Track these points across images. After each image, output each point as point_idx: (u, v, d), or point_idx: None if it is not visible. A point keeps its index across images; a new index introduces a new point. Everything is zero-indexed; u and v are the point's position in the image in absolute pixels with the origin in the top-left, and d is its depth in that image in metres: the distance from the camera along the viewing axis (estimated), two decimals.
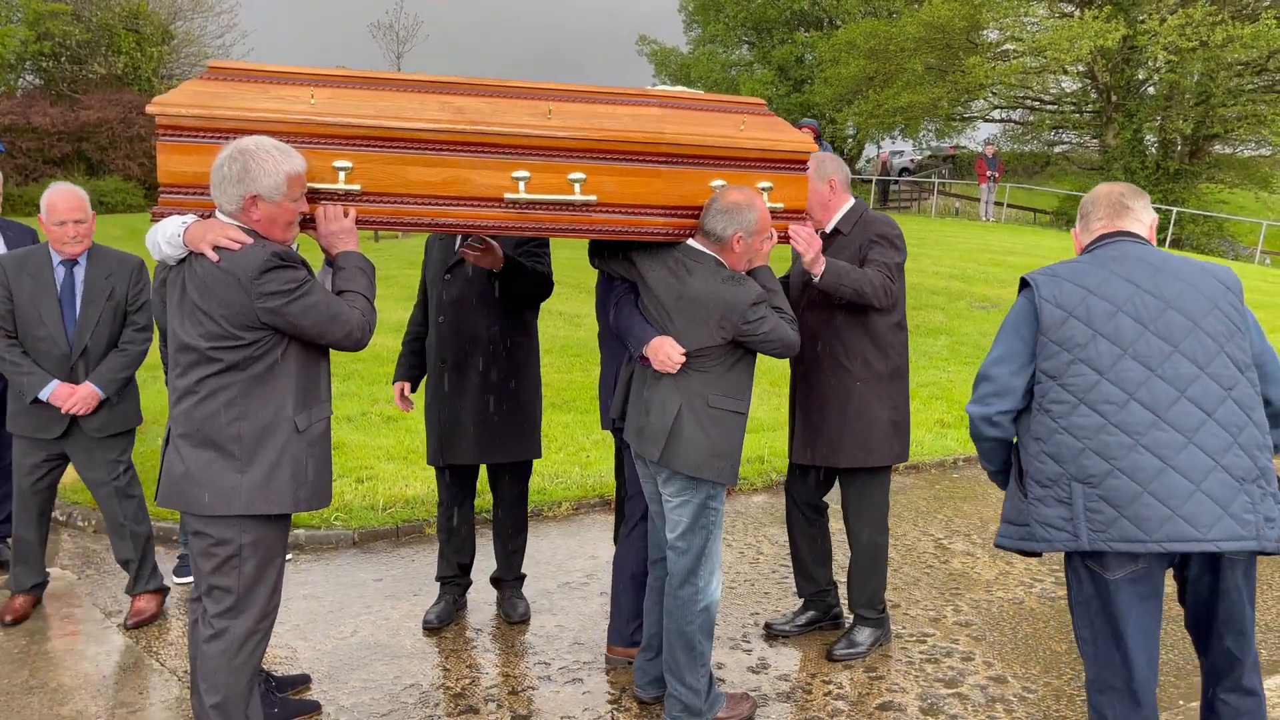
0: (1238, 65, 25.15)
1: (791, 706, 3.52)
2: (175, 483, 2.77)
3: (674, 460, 3.18)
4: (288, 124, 2.80)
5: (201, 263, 2.70)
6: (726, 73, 36.93)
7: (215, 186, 2.71)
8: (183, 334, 2.74)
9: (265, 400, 2.75)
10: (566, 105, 3.07)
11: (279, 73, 2.93)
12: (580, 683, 3.69)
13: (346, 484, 5.77)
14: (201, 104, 2.78)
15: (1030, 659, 3.87)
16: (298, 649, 3.97)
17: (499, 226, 3.02)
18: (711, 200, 3.14)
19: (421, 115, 2.90)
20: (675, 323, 3.19)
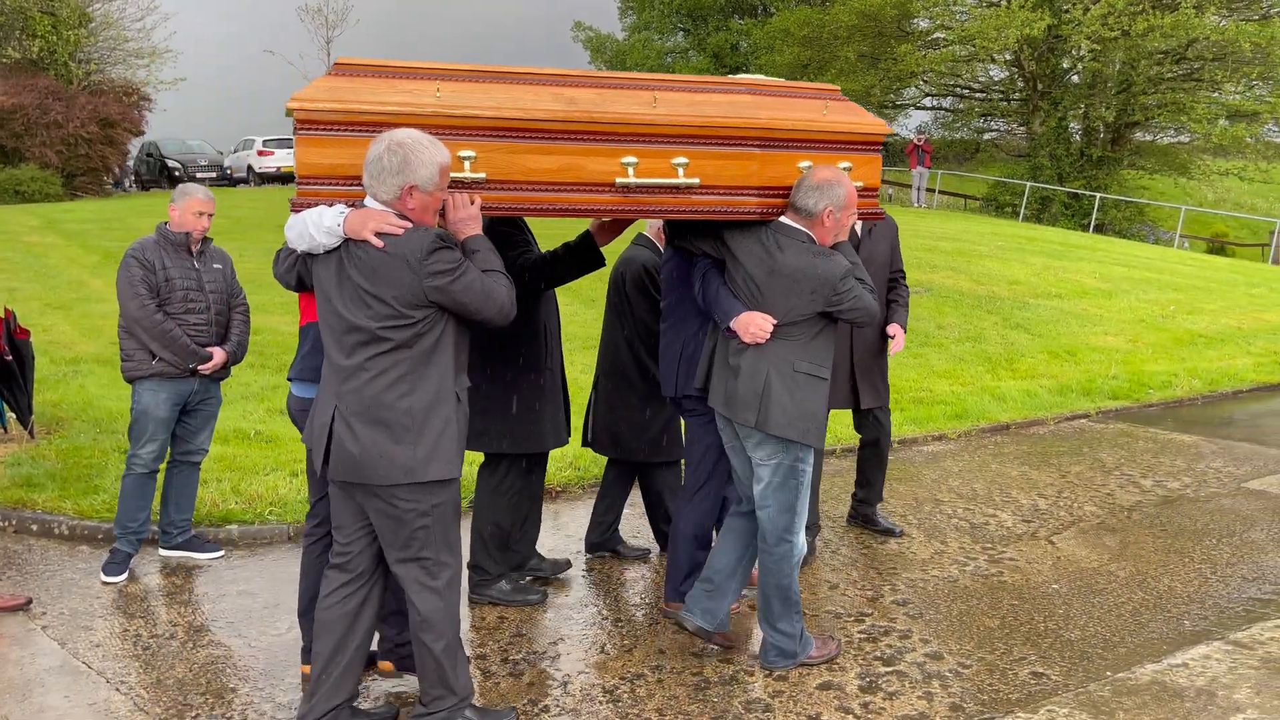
0: (1158, 54, 25.89)
1: (734, 689, 3.55)
2: (351, 459, 2.93)
3: (766, 424, 3.43)
4: (419, 116, 2.95)
5: (365, 249, 2.86)
6: (662, 60, 36.95)
7: (373, 177, 2.87)
8: (350, 317, 2.91)
9: (431, 375, 2.95)
10: (669, 94, 3.27)
11: (403, 67, 3.07)
12: (521, 674, 3.68)
13: (280, 478, 5.66)
14: (337, 99, 2.91)
15: (965, 635, 3.96)
16: (233, 647, 3.89)
17: (609, 210, 3.26)
18: (803, 178, 3.38)
19: (538, 106, 3.09)
20: (767, 295, 3.44)
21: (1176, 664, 3.71)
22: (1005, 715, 3.36)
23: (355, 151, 2.93)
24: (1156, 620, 4.09)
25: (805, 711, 3.40)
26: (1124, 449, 6.83)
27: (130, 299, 4.43)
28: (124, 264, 4.49)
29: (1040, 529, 5.20)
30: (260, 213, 17.88)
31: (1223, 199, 31.15)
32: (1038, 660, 3.75)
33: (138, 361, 4.49)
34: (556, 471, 5.85)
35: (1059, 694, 3.50)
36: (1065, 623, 4.07)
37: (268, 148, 28.98)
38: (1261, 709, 3.36)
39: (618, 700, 3.48)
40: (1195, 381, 8.83)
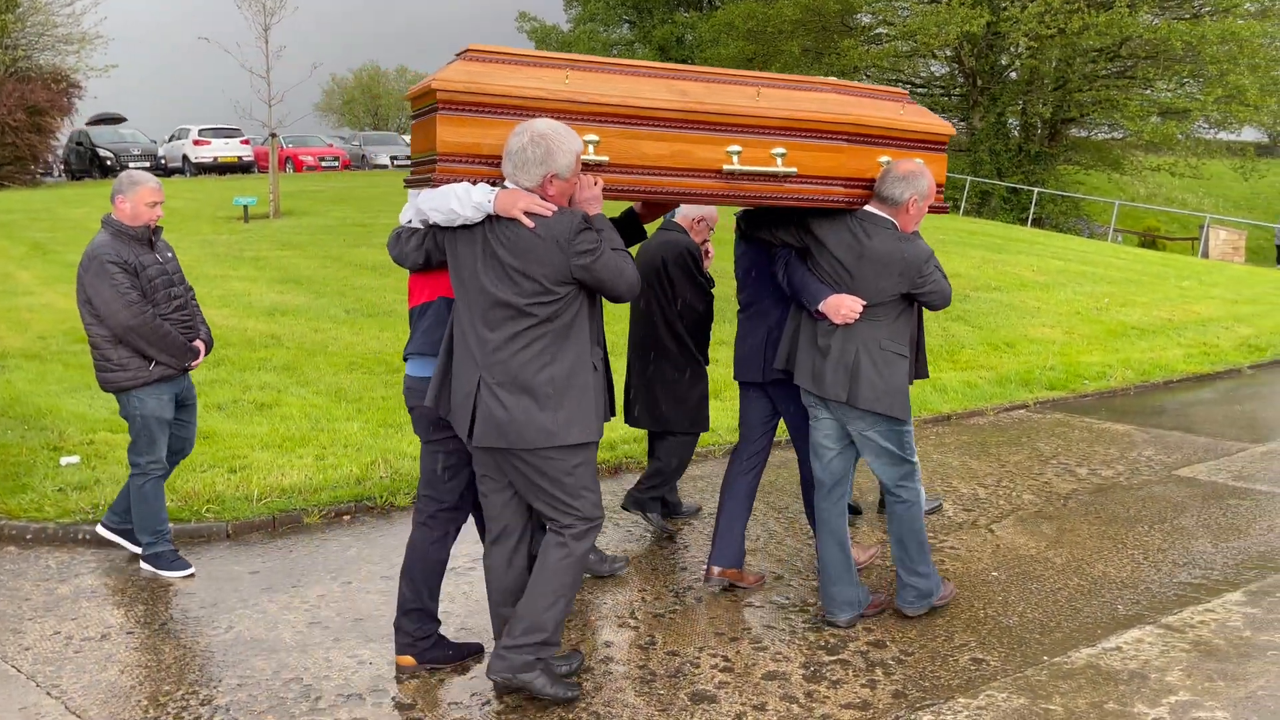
0: (1092, 52, 26.50)
1: (680, 681, 3.55)
2: (497, 425, 3.13)
3: (856, 399, 3.73)
4: (550, 101, 3.16)
5: (514, 228, 3.05)
6: (608, 52, 36.85)
7: (517, 167, 3.06)
8: (496, 292, 3.10)
9: (570, 346, 3.16)
10: (769, 90, 3.54)
11: (532, 56, 3.30)
12: (467, 668, 3.64)
13: (218, 474, 5.54)
14: (475, 82, 3.09)
15: (907, 623, 4.01)
16: (168, 649, 3.80)
17: (714, 195, 3.49)
18: (888, 170, 3.67)
19: (654, 96, 3.32)
20: (857, 278, 3.71)
21: (1110, 648, 3.80)
22: (946, 701, 3.41)
23: (490, 131, 3.13)
24: (1091, 605, 4.19)
25: (750, 701, 3.41)
26: (1061, 438, 6.98)
27: (123, 307, 4.22)
28: (100, 270, 4.22)
29: (980, 518, 5.29)
30: (197, 204, 17.46)
31: (1154, 194, 32.03)
32: (977, 646, 3.82)
33: (134, 370, 4.32)
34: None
35: (998, 679, 3.56)
36: (1004, 609, 4.15)
37: (204, 137, 28.32)
38: (1192, 690, 3.46)
39: None
40: (1128, 372, 9.06)
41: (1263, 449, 6.67)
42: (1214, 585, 4.37)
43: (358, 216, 15.82)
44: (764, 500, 5.47)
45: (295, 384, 7.38)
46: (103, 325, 4.28)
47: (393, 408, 6.87)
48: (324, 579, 4.46)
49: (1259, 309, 12.94)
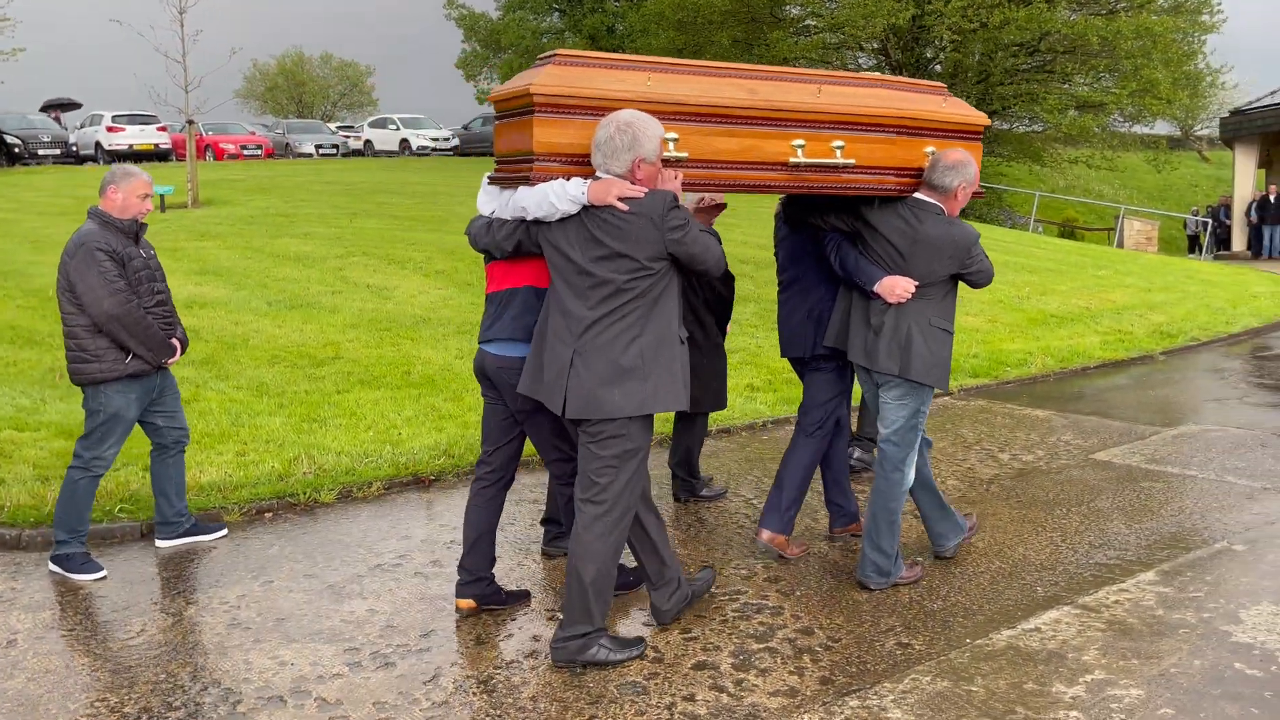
0: (1013, 46, 27.09)
1: (610, 673, 3.53)
2: (588, 396, 3.36)
3: (908, 371, 4.02)
4: (635, 101, 3.42)
5: (609, 213, 3.31)
6: (538, 40, 36.49)
7: (607, 156, 3.31)
8: (597, 272, 3.35)
9: (660, 319, 3.41)
10: (829, 86, 3.84)
11: (616, 59, 3.57)
12: (393, 666, 3.58)
13: (132, 472, 5.36)
14: (569, 85, 3.35)
15: (834, 609, 4.05)
16: (75, 654, 3.65)
17: (780, 185, 3.77)
18: (937, 159, 3.97)
19: (726, 95, 3.59)
20: (910, 261, 3.99)
21: (1030, 629, 3.89)
22: (872, 686, 3.45)
23: (583, 131, 3.39)
24: (1012, 588, 4.28)
25: (680, 691, 3.41)
26: (983, 424, 7.13)
27: (108, 295, 4.19)
28: (88, 257, 4.19)
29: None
30: None
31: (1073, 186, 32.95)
32: (903, 631, 3.87)
33: (109, 363, 4.27)
34: None
35: (923, 662, 3.62)
36: (928, 593, 4.22)
37: (117, 124, 27.38)
38: (1108, 669, 3.55)
39: (492, 690, 3.42)
40: (1048, 359, 9.30)
41: (1174, 432, 6.90)
42: (1128, 566, 4.50)
43: (281, 206, 15.44)
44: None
45: (214, 378, 7.18)
46: (83, 314, 4.24)
47: (316, 402, 6.72)
48: (244, 579, 4.34)
49: (1171, 297, 13.39)
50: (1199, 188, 38.30)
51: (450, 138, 35.16)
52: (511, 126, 3.54)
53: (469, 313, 9.32)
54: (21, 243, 11.80)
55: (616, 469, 3.44)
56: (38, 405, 6.39)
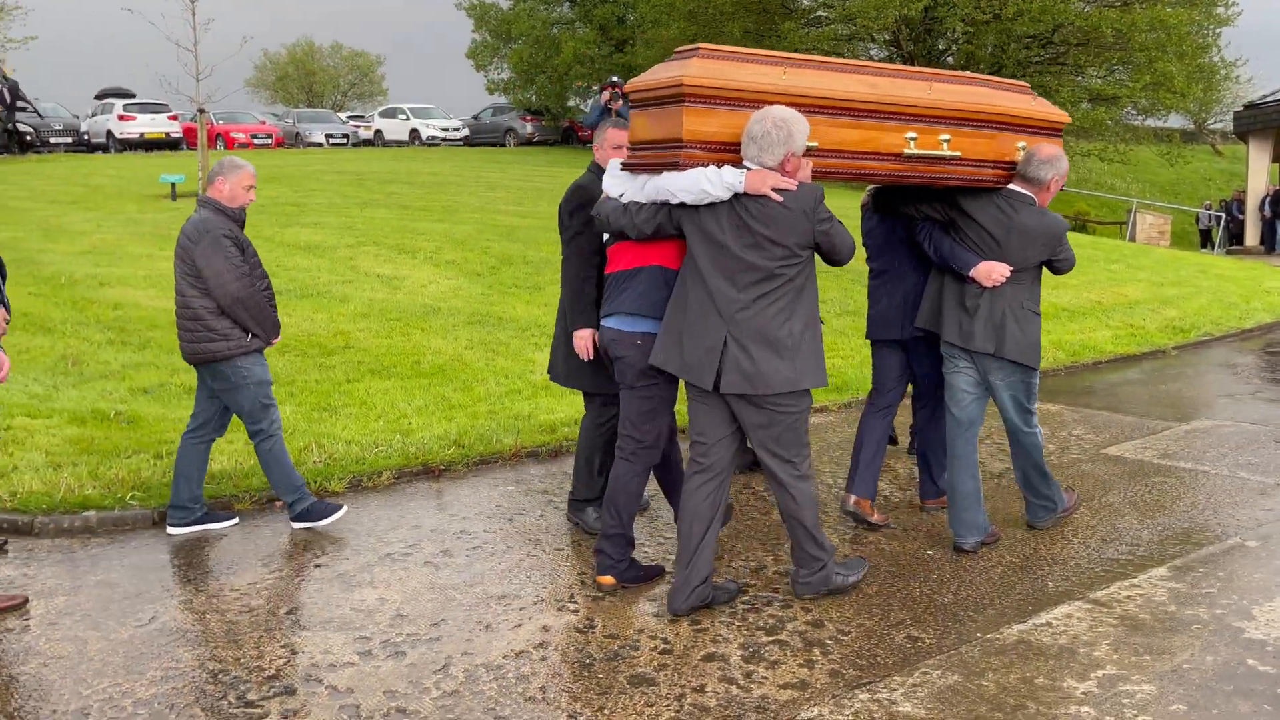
0: (1026, 38, 26.92)
1: (619, 664, 3.54)
2: (744, 373, 3.64)
3: (1002, 349, 4.34)
4: (772, 94, 3.66)
5: (763, 202, 3.58)
6: (548, 30, 36.40)
7: (762, 149, 3.58)
8: (748, 257, 3.62)
9: (804, 303, 3.71)
10: (939, 84, 4.13)
11: (753, 54, 3.81)
12: (403, 655, 3.58)
13: (144, 460, 5.37)
14: (714, 77, 3.61)
15: (844, 603, 4.04)
16: (88, 640, 3.67)
17: (893, 175, 4.05)
18: (1032, 153, 4.26)
19: (851, 89, 3.87)
20: (1005, 248, 4.30)
21: (1041, 623, 3.87)
22: (882, 679, 3.44)
23: (726, 120, 3.63)
24: (1023, 582, 4.26)
25: (690, 683, 3.41)
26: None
27: (235, 279, 4.45)
28: (215, 243, 4.44)
29: (916, 497, 5.35)
30: (122, 181, 16.90)
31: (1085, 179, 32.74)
32: (913, 624, 3.86)
33: (236, 340, 4.53)
34: None
35: (933, 656, 3.61)
36: (939, 587, 4.21)
37: (129, 112, 27.40)
38: (1119, 664, 3.54)
39: (502, 679, 3.42)
40: (1059, 353, 9.25)
41: (1186, 427, 6.86)
42: (1140, 561, 4.48)
43: (290, 195, 15.45)
44: None
45: None
46: (208, 297, 4.47)
47: (327, 391, 6.73)
48: (255, 566, 4.35)
49: (1183, 291, 13.32)
50: (1212, 182, 38.05)
51: (460, 128, 35.14)
52: (653, 115, 3.78)
53: (479, 303, 9.32)
54: (34, 230, 11.83)
55: (799, 434, 3.82)
56: (50, 392, 6.41)
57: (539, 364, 7.61)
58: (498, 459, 5.81)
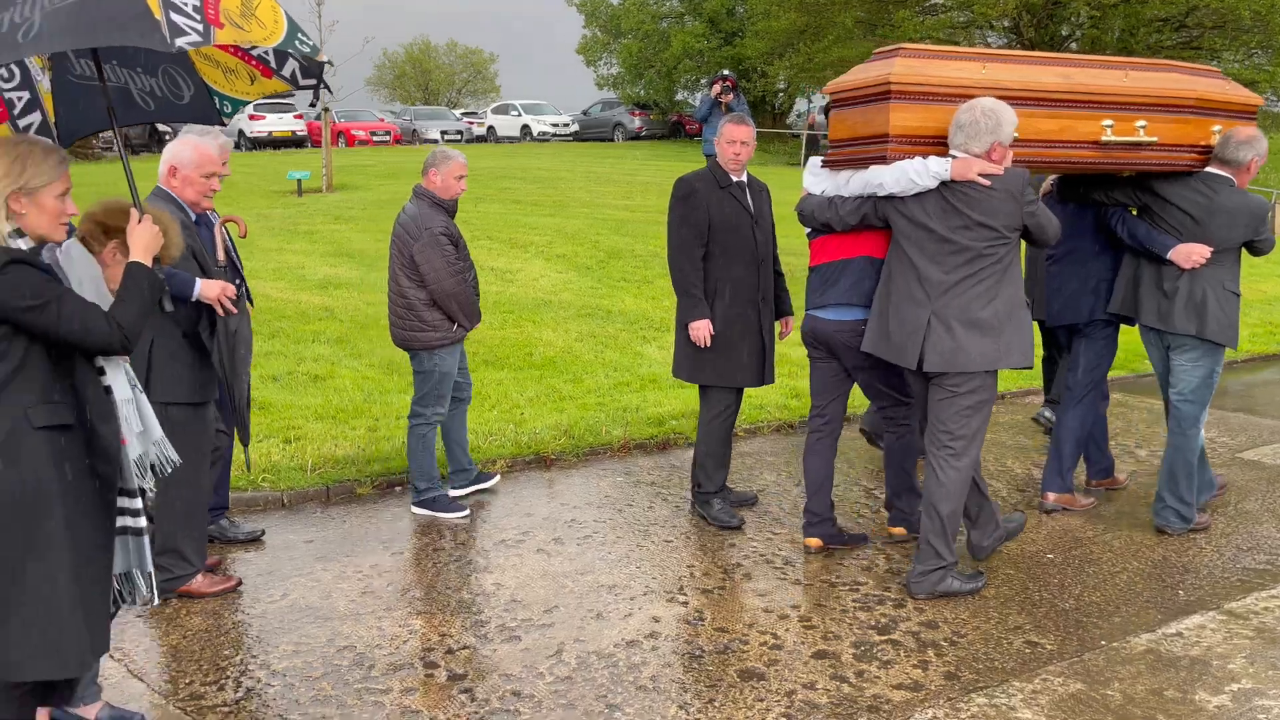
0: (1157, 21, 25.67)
1: (729, 658, 3.54)
2: (946, 352, 3.80)
3: (1204, 330, 4.36)
4: (974, 88, 3.86)
5: (971, 187, 3.74)
6: (658, 24, 36.49)
7: (970, 137, 3.75)
8: (958, 239, 3.78)
9: (1009, 284, 3.82)
10: (1134, 72, 4.22)
11: (954, 51, 4.11)
12: (518, 640, 3.67)
13: (273, 444, 5.62)
14: (919, 74, 3.85)
15: (959, 604, 3.96)
16: (221, 614, 3.87)
17: (1089, 163, 4.19)
18: (1230, 136, 4.32)
19: (1046, 81, 4.03)
20: (1205, 229, 4.34)
21: (1171, 633, 3.71)
22: (1000, 684, 3.36)
23: (929, 114, 3.85)
24: (1150, 589, 4.09)
25: (800, 679, 3.39)
26: (1121, 419, 6.82)
27: (449, 275, 4.64)
28: (433, 241, 4.64)
29: (1034, 498, 5.19)
30: (252, 178, 17.70)
31: None
32: (1032, 629, 3.75)
33: (443, 332, 4.74)
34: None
35: (1054, 663, 3.50)
36: (1060, 592, 4.08)
37: (259, 112, 28.62)
38: (1255, 679, 3.37)
39: (614, 667, 3.47)
40: None
41: None
42: (1279, 571, 4.25)
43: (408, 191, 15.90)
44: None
45: (348, 356, 7.47)
46: (422, 289, 4.68)
47: None
48: (376, 549, 4.52)
49: None
50: None
51: (570, 123, 35.54)
52: (856, 113, 4.02)
53: (589, 296, 9.44)
54: None
55: (970, 417, 3.87)
56: None
57: (647, 357, 7.67)
58: (606, 450, 5.87)
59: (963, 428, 3.89)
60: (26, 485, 2.46)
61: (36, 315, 2.45)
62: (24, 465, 2.45)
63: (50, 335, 2.49)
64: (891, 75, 3.80)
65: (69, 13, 2.23)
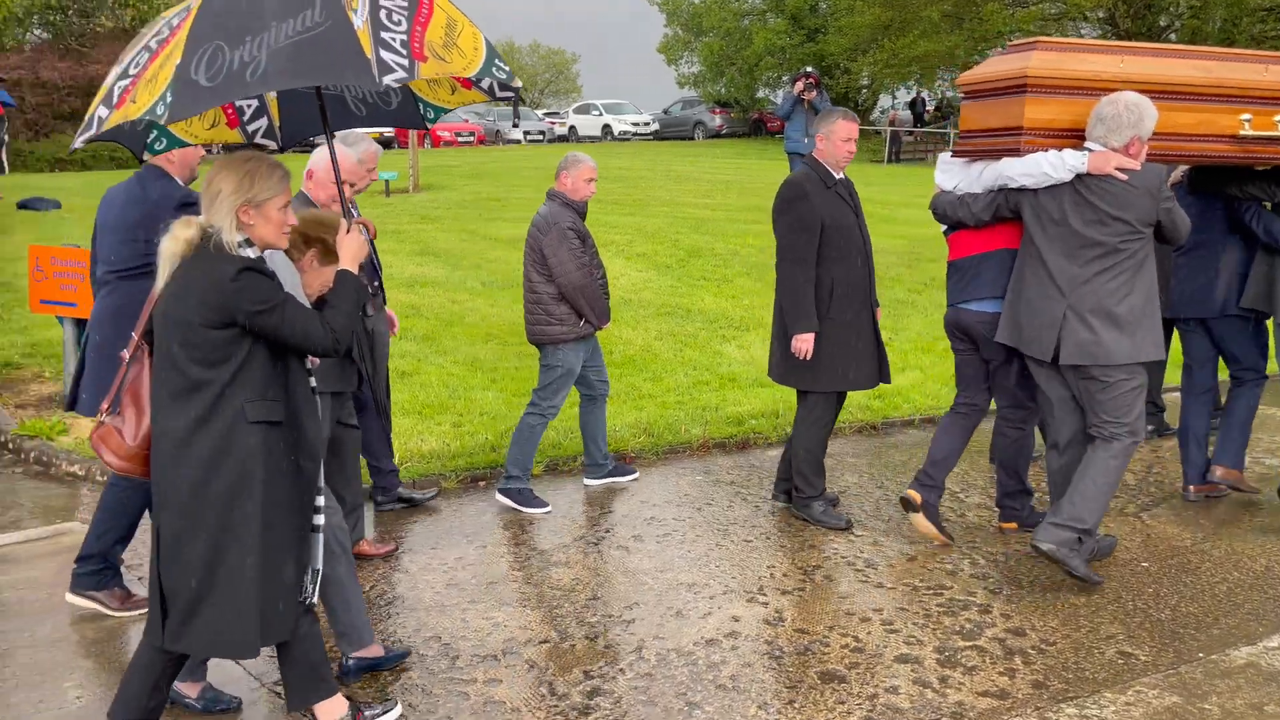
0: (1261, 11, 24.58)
1: (810, 659, 3.52)
2: (1083, 345, 3.85)
3: None
4: (1111, 81, 3.90)
5: (1107, 182, 3.78)
6: (739, 22, 36.32)
7: (1111, 130, 3.79)
8: (1090, 234, 3.83)
9: (1144, 278, 3.86)
10: (1276, 66, 4.21)
11: (1090, 44, 4.14)
12: (598, 636, 3.70)
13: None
14: (1056, 68, 3.90)
15: (1049, 612, 3.86)
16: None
17: (1226, 156, 4.19)
18: None
19: (1184, 74, 4.05)
20: None
21: (1274, 647, 3.57)
22: (1091, 695, 3.27)
23: (1063, 108, 3.90)
24: (1252, 601, 3.94)
25: (882, 683, 3.36)
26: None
27: (577, 269, 4.78)
28: (562, 235, 4.78)
29: (1129, 505, 5.04)
30: None
31: None
32: (1125, 639, 3.64)
33: (568, 325, 4.85)
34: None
35: (1148, 674, 3.39)
36: (1155, 602, 3.95)
37: None
38: None
39: (694, 665, 3.48)
40: None
41: None
42: None
43: (492, 191, 16.17)
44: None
45: (434, 353, 7.62)
46: (550, 283, 4.81)
47: (526, 378, 7.00)
48: (460, 542, 4.60)
49: None
50: None
51: (650, 122, 35.63)
52: (989, 105, 4.10)
53: (669, 295, 9.45)
54: None
55: (1135, 402, 3.91)
56: None
57: (727, 356, 7.65)
58: (685, 449, 5.88)
59: (1127, 413, 3.93)
60: (236, 474, 2.65)
61: (264, 318, 2.64)
62: (235, 455, 2.65)
63: (272, 337, 2.69)
64: (1029, 69, 3.85)
65: (289, 55, 2.47)
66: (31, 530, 4.73)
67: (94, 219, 4.00)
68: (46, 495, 5.21)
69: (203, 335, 2.62)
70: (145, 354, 2.85)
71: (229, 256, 2.66)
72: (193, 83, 2.44)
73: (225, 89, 2.46)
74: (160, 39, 2.65)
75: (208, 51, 2.46)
